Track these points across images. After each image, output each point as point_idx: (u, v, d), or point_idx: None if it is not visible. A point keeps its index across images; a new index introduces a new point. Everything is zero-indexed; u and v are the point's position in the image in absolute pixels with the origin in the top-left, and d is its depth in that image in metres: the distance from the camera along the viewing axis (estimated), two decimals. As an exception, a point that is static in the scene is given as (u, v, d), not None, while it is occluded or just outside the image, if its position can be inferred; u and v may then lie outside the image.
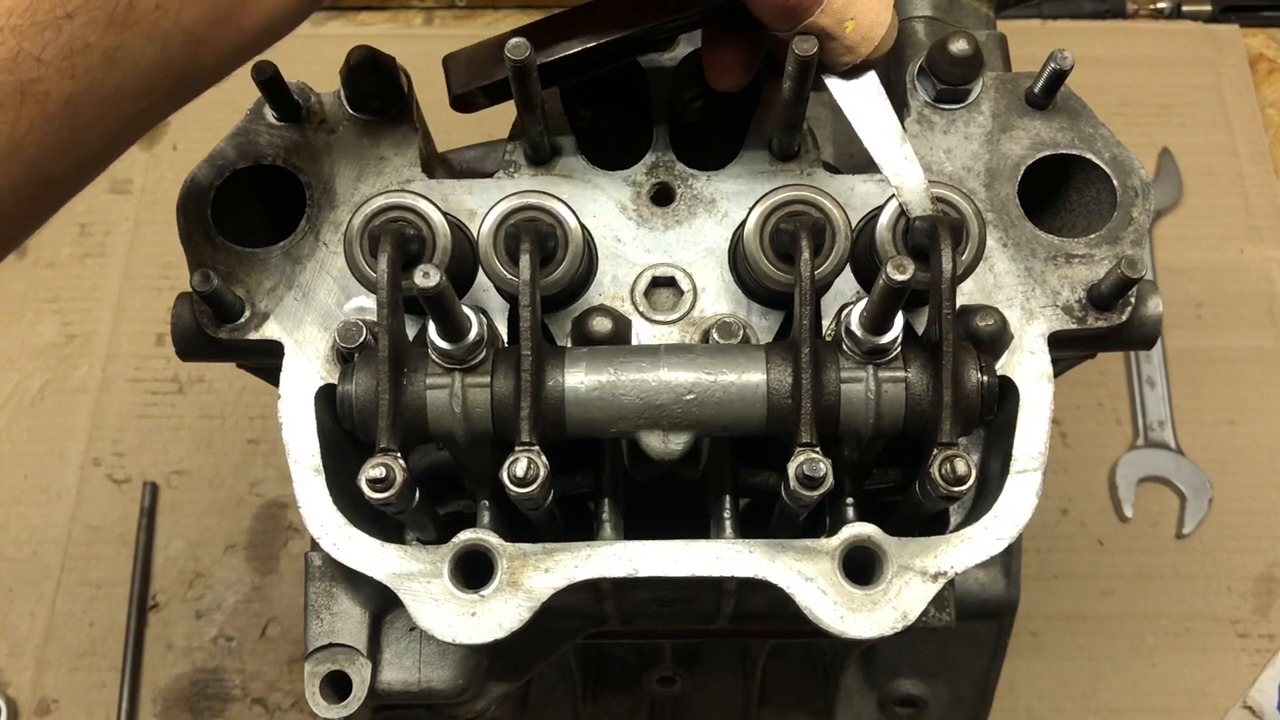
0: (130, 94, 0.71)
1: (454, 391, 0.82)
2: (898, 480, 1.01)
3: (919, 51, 0.99)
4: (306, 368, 0.90)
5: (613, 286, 0.93)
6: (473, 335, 0.82)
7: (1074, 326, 0.90)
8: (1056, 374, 0.90)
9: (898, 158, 0.86)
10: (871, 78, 0.86)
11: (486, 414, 0.83)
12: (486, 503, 0.93)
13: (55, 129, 0.69)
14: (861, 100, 0.86)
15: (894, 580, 0.83)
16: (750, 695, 1.45)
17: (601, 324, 0.87)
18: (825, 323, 0.90)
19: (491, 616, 0.83)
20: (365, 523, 0.88)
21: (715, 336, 0.89)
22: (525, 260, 0.83)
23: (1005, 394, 0.89)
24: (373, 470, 0.79)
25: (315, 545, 0.94)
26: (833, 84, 0.86)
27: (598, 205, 0.95)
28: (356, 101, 0.96)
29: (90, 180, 0.76)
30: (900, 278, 0.76)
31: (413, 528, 0.98)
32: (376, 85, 0.94)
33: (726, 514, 0.94)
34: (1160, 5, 2.22)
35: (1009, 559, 1.19)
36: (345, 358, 0.88)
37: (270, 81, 0.92)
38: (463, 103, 0.94)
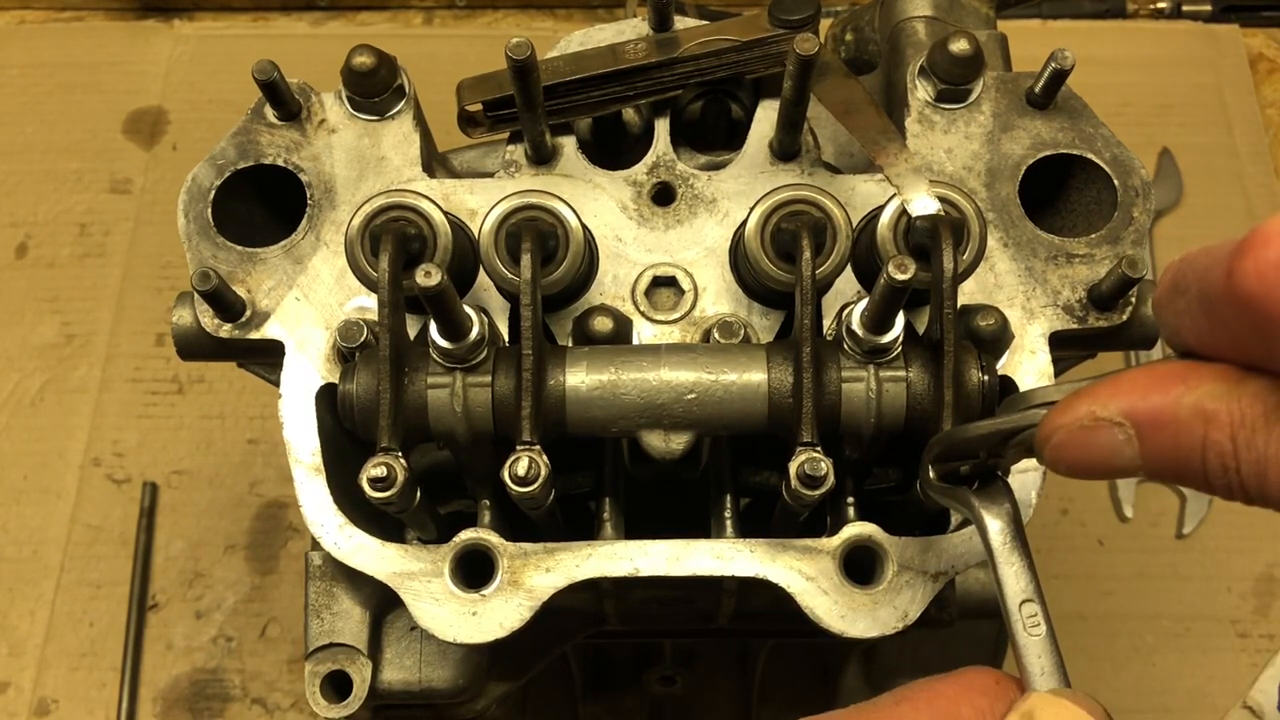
0: None
1: (455, 391, 0.82)
2: (899, 480, 1.01)
3: (919, 51, 0.99)
4: (307, 367, 0.90)
5: (614, 286, 0.93)
6: (474, 334, 0.81)
7: (1075, 326, 0.90)
8: (1057, 374, 0.91)
9: None
10: None
11: (487, 413, 0.83)
12: (487, 502, 0.93)
13: None
14: None
15: (895, 580, 0.83)
16: (750, 695, 1.45)
17: (602, 323, 0.87)
18: (826, 322, 0.90)
19: (492, 616, 0.83)
20: (366, 522, 0.88)
21: (716, 336, 0.89)
22: (526, 259, 0.83)
23: (1006, 393, 0.89)
24: (374, 469, 0.79)
25: (315, 545, 0.94)
26: None
27: (599, 205, 0.95)
28: (357, 101, 0.96)
29: None
30: (901, 277, 0.76)
31: (413, 527, 0.98)
32: (377, 85, 0.94)
33: (727, 513, 0.94)
34: (1160, 5, 2.22)
35: (1009, 559, 1.19)
36: (346, 357, 0.88)
37: (271, 81, 0.92)
38: (468, 120, 0.96)
